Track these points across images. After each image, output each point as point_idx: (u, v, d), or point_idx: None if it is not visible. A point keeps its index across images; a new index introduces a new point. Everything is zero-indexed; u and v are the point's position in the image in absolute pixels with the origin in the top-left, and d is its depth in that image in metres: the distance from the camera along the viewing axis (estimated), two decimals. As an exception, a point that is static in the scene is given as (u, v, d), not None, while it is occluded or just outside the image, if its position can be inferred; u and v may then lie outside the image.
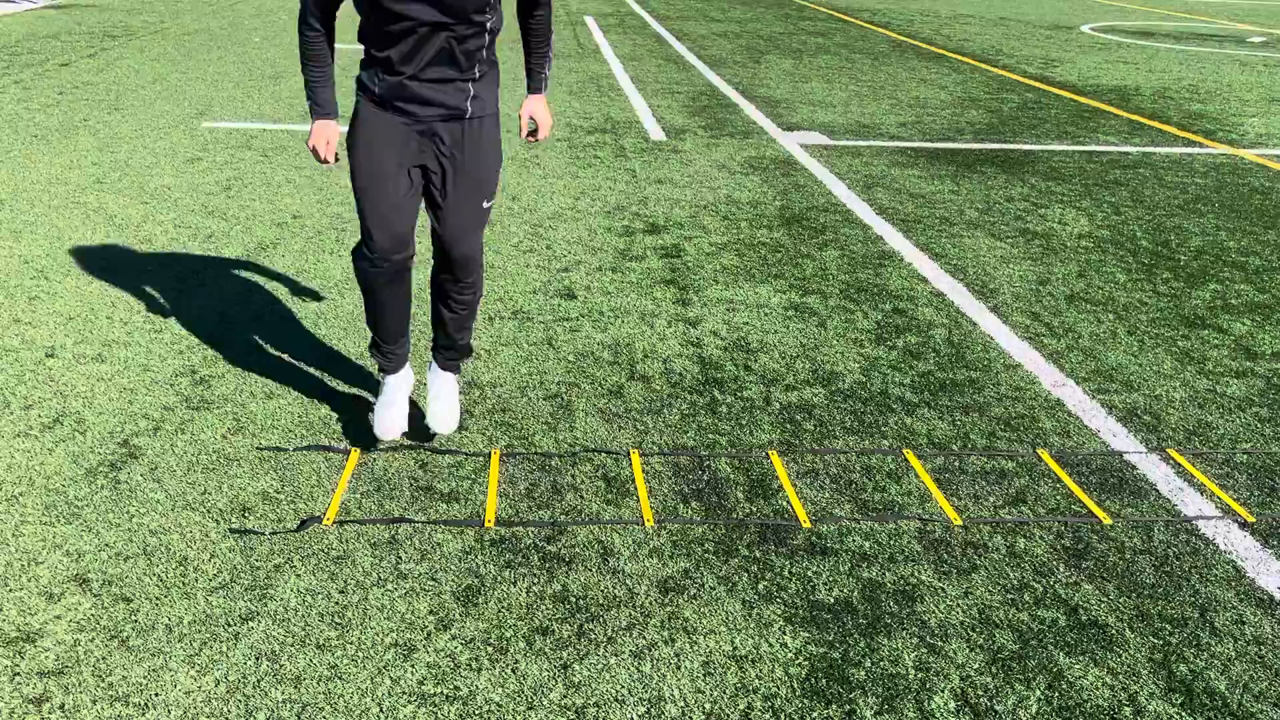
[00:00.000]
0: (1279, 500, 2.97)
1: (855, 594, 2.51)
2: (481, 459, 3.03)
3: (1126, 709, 2.17)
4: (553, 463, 3.03)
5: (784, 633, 2.36)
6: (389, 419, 2.97)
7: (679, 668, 2.24)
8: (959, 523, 2.81)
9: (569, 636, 2.32)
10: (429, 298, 3.05)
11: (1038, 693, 2.21)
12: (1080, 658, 2.32)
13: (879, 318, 4.21)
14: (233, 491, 2.81)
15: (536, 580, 2.50)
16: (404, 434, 3.07)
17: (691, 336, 3.96)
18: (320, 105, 2.74)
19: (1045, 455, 3.17)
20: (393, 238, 2.74)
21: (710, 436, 3.22)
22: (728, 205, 5.70)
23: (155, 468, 2.91)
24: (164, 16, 12.54)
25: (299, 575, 2.48)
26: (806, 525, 2.77)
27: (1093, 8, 19.32)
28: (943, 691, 2.20)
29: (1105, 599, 2.51)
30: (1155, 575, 2.61)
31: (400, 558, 2.56)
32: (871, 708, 2.15)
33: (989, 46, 13.02)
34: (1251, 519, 2.87)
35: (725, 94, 9.19)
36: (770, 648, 2.31)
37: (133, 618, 2.32)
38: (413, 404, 3.24)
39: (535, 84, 2.95)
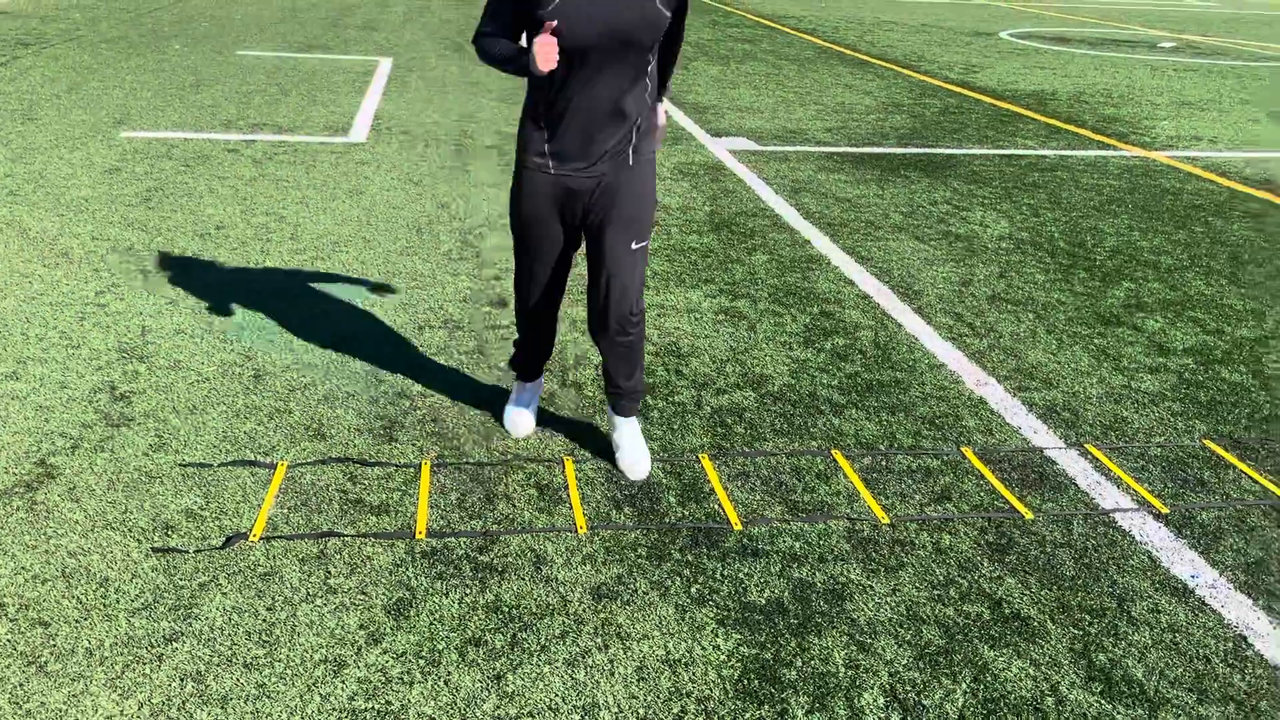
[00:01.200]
0: (1191, 491, 3.08)
1: (786, 594, 2.54)
2: (412, 470, 3.00)
3: (1049, 699, 2.23)
4: (485, 472, 3.01)
5: (716, 635, 2.38)
6: (523, 420, 3.25)
7: (612, 674, 2.24)
8: (886, 521, 2.86)
9: (502, 646, 2.31)
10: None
11: (964, 686, 2.26)
12: (1004, 650, 2.37)
13: (807, 320, 4.27)
14: (155, 510, 2.75)
15: (469, 591, 2.49)
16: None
17: (623, 343, 3.96)
18: (521, 52, 2.58)
19: (969, 453, 3.24)
20: (548, 300, 2.99)
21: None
22: (657, 211, 5.73)
23: (73, 487, 2.83)
24: (80, 24, 12.21)
25: (225, 593, 2.43)
26: (738, 527, 2.80)
27: (1011, 15, 19.83)
28: (872, 688, 2.24)
29: (1027, 592, 2.58)
30: (1075, 567, 2.69)
31: (329, 572, 2.53)
32: (803, 707, 2.18)
33: (911, 52, 13.29)
34: (1165, 510, 2.97)
35: (655, 100, 9.23)
36: (703, 650, 2.33)
37: (51, 642, 2.25)
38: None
39: (658, 92, 2.82)
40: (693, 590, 2.54)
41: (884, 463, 3.18)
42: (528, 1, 2.49)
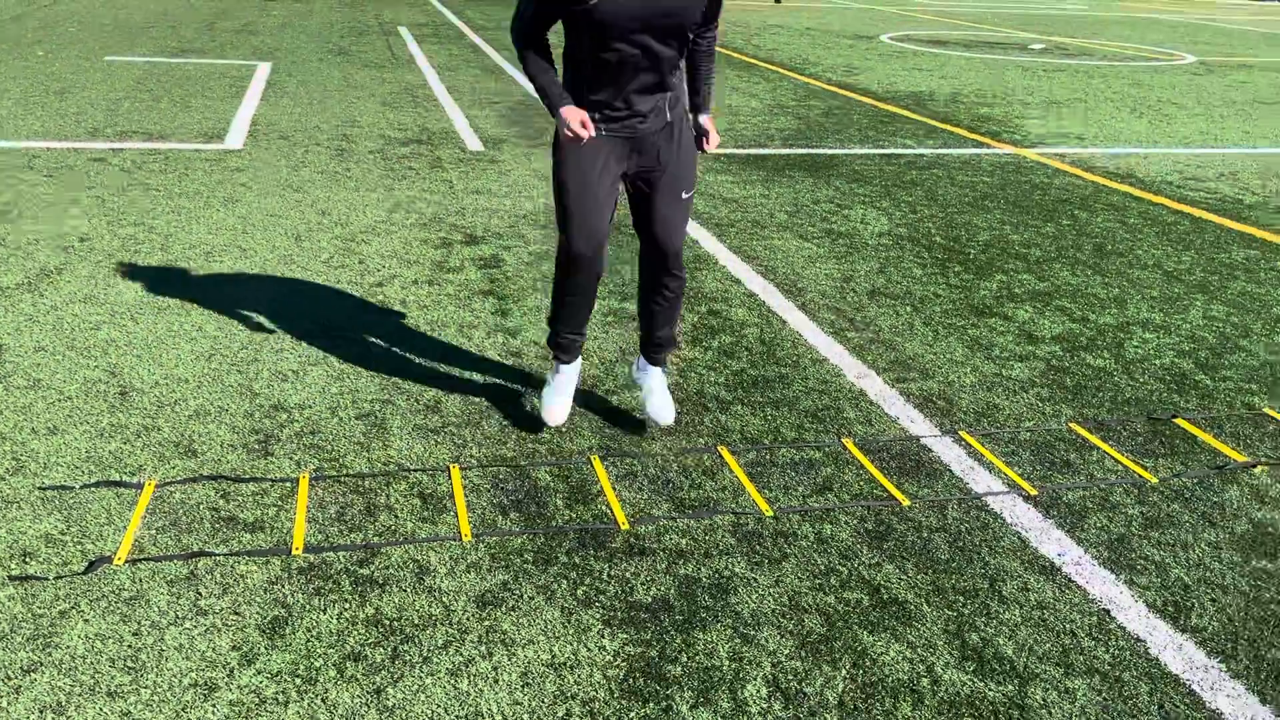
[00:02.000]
0: (1058, 473, 3.21)
1: (672, 591, 2.55)
2: (289, 485, 2.92)
3: (924, 680, 2.29)
4: (366, 483, 2.95)
5: (602, 636, 2.38)
6: (559, 406, 3.24)
7: (497, 681, 2.22)
8: (770, 514, 2.90)
9: (382, 660, 2.26)
10: (637, 300, 3.28)
11: (843, 672, 2.30)
12: (882, 635, 2.43)
13: (695, 319, 4.30)
14: (12, 536, 2.61)
15: (348, 606, 2.43)
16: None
17: (511, 347, 3.94)
18: (561, 96, 2.84)
19: (849, 444, 3.31)
20: (595, 245, 2.99)
21: (530, 446, 3.21)
22: (546, 214, 5.71)
23: (-80, 517, 2.67)
24: (-69, 27, 11.56)
25: (87, 620, 2.32)
26: (625, 527, 2.80)
27: (890, 18, 20.40)
28: (755, 680, 2.27)
29: (904, 577, 2.65)
30: (949, 551, 2.77)
31: (200, 593, 2.44)
32: (688, 702, 2.19)
33: (796, 56, 13.55)
34: (1034, 492, 3.08)
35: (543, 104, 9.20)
36: (589, 652, 2.32)
37: (-107, 683, 2.12)
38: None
39: (705, 105, 3.14)
40: (579, 592, 2.53)
41: (768, 457, 3.22)
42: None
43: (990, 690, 2.27)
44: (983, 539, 2.83)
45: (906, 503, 2.99)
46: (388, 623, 2.38)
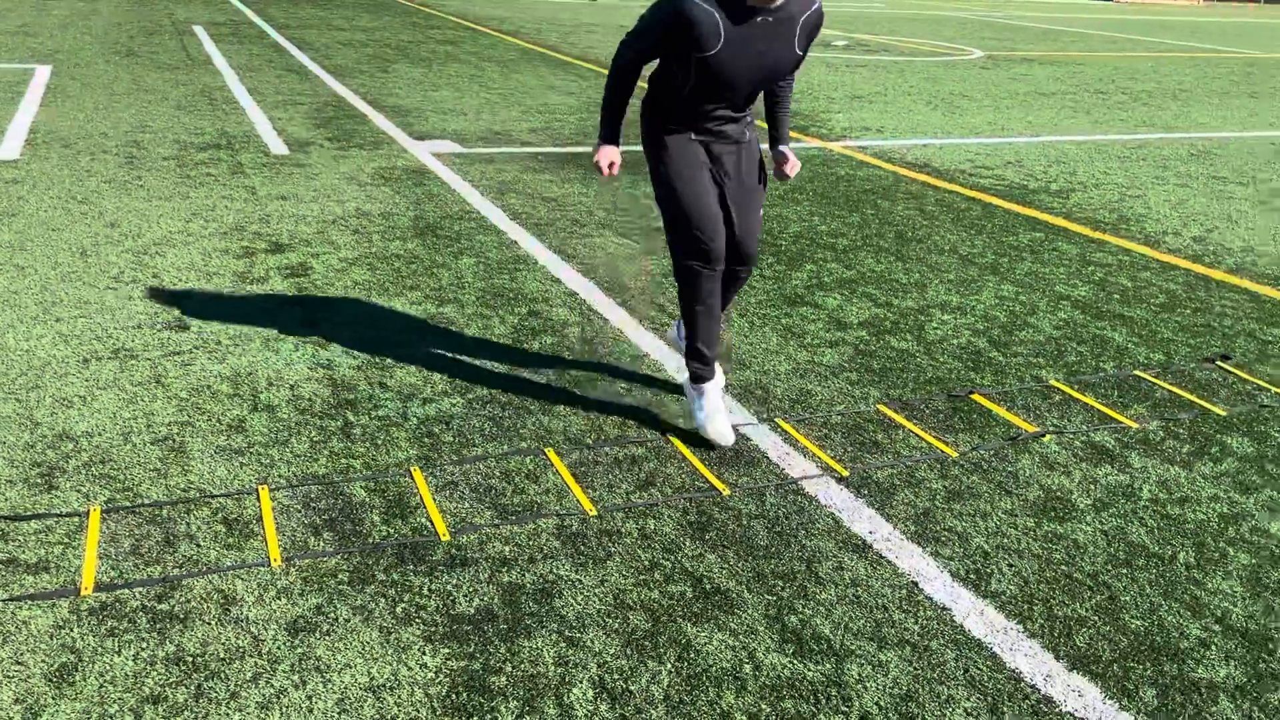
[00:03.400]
0: (867, 453, 3.34)
1: (496, 600, 2.51)
2: (77, 519, 2.70)
3: (747, 666, 2.34)
4: (164, 513, 2.77)
5: (423, 653, 2.31)
6: (725, 424, 3.28)
7: (311, 710, 2.12)
8: (594, 513, 2.90)
9: (185, 700, 2.12)
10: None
11: (668, 666, 2.32)
12: (706, 625, 2.46)
13: (515, 321, 4.26)
14: None
15: (145, 645, 2.27)
16: None
17: (321, 359, 3.79)
18: (613, 133, 3.22)
19: (673, 438, 3.35)
20: (719, 236, 3.14)
21: (344, 461, 3.09)
22: (358, 218, 5.53)
23: None
24: None
25: None
26: (446, 538, 2.74)
27: (703, 16, 20.81)
28: (581, 682, 2.25)
29: (726, 565, 2.70)
30: (768, 537, 2.84)
31: (-26, 647, 2.23)
32: (513, 712, 2.16)
33: (611, 53, 13.64)
34: (845, 473, 3.20)
35: (352, 104, 8.93)
36: (409, 671, 2.25)
37: None
38: None
39: (785, 139, 3.42)
40: (398, 610, 2.45)
41: (592, 456, 3.21)
42: (690, 45, 2.87)
43: (809, 670, 2.33)
44: (799, 522, 2.92)
45: (726, 492, 3.04)
46: (190, 659, 2.24)
